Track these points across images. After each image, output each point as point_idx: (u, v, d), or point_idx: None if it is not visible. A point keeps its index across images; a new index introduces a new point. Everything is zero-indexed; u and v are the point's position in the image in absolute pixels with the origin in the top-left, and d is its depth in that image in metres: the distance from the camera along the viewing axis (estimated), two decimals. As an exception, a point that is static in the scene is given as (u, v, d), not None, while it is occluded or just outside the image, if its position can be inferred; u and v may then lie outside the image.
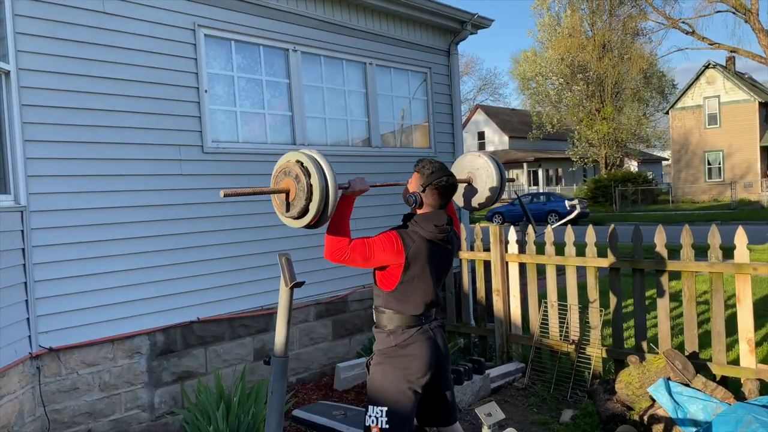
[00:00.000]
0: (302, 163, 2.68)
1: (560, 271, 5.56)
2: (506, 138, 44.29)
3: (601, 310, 5.30)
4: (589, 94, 36.43)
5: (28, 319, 4.04)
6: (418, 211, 2.97)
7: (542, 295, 5.72)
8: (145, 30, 4.68)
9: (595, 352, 5.27)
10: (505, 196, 41.12)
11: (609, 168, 36.54)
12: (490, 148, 45.32)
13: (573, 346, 5.37)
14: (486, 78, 62.12)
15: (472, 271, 6.45)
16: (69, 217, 4.27)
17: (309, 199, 2.65)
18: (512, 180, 42.29)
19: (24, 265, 4.03)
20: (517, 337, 5.88)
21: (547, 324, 5.62)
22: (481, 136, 46.11)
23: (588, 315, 5.38)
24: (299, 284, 3.04)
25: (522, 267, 5.88)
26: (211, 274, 5.05)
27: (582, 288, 5.38)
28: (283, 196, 2.77)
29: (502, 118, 46.42)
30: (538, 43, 39.03)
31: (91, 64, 4.39)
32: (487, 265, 6.12)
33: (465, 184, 3.75)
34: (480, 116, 46.50)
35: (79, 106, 4.33)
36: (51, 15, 4.19)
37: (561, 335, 5.51)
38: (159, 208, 4.75)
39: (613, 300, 5.25)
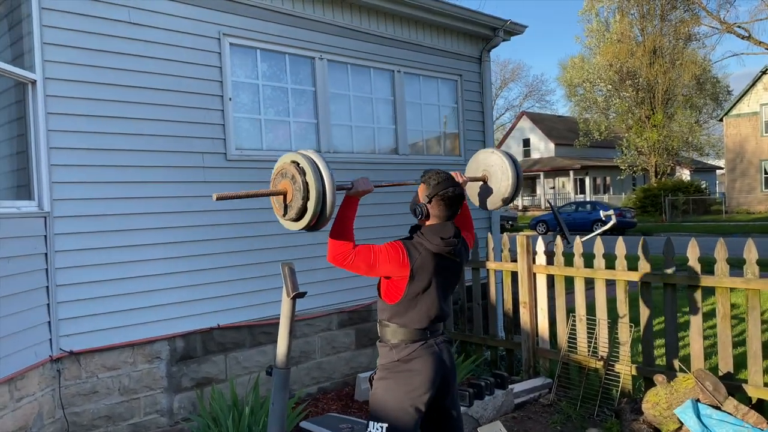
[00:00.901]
0: (298, 164, 2.64)
1: (590, 284, 5.37)
2: (552, 145, 43.58)
3: (630, 326, 5.09)
4: (639, 101, 35.52)
5: (49, 322, 4.12)
6: (425, 223, 2.90)
7: (571, 309, 5.54)
8: (169, 39, 4.75)
9: (624, 369, 5.06)
10: (546, 202, 40.49)
11: (659, 177, 35.51)
12: (535, 155, 44.69)
13: (601, 363, 5.17)
14: (533, 85, 61.28)
15: (500, 282, 6.31)
16: (91, 222, 4.35)
17: (306, 198, 2.61)
18: (552, 188, 41.56)
19: (46, 269, 4.12)
20: (544, 352, 5.71)
21: (576, 338, 5.44)
22: (526, 143, 45.53)
23: (617, 330, 5.18)
24: (301, 295, 3.01)
25: (551, 279, 5.71)
26: (232, 280, 5.07)
27: (612, 302, 5.19)
28: (281, 198, 2.73)
29: (547, 124, 45.73)
30: (585, 49, 38.35)
31: (115, 73, 4.47)
32: (514, 276, 5.96)
33: (480, 183, 3.63)
34: (525, 123, 45.93)
35: (103, 114, 4.42)
36: (77, 26, 4.29)
37: (589, 351, 5.32)
38: (181, 215, 4.80)
39: (643, 315, 5.04)
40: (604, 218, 8.37)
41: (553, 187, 42.79)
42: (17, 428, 3.77)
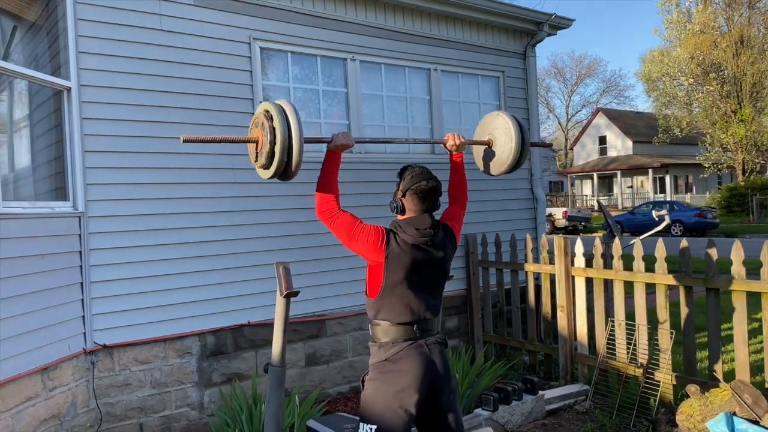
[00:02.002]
0: (268, 111, 2.68)
1: (633, 287, 5.12)
2: (630, 143, 41.91)
3: (671, 332, 4.82)
4: (724, 95, 33.54)
5: (83, 316, 4.35)
6: (399, 217, 2.87)
7: (611, 313, 5.30)
8: (199, 45, 4.91)
9: (664, 377, 4.80)
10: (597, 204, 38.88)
11: (747, 175, 33.40)
12: (612, 153, 43.13)
13: (640, 370, 4.93)
14: (610, 80, 59.08)
15: (538, 285, 6.13)
16: (124, 222, 4.55)
17: (273, 142, 2.64)
18: (630, 187, 39.86)
19: (81, 266, 4.35)
20: (582, 357, 5.49)
21: (614, 344, 5.20)
22: (602, 141, 44.03)
23: (657, 336, 4.91)
24: (294, 293, 3.03)
25: (590, 282, 5.49)
26: (263, 278, 5.17)
27: (652, 306, 4.93)
28: (254, 146, 2.79)
29: (625, 121, 44.01)
30: (665, 42, 36.62)
31: (146, 79, 4.66)
32: (553, 278, 5.78)
33: (485, 147, 3.47)
34: (601, 120, 44.41)
35: (135, 119, 4.61)
36: (111, 34, 4.50)
37: (628, 357, 5.08)
38: (212, 215, 4.94)
39: (684, 322, 4.76)
40: (657, 218, 7.96)
41: (631, 186, 41.14)
42: (50, 416, 3.99)
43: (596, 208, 39.87)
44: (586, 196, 43.01)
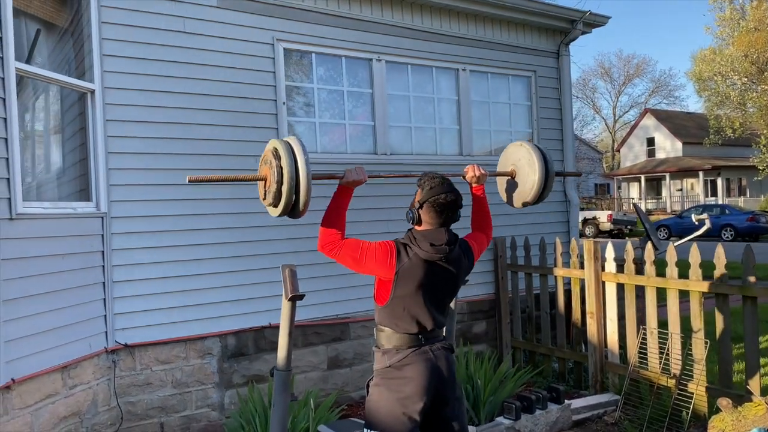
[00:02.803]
0: (276, 149, 2.63)
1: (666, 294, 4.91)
2: (679, 144, 40.64)
3: (706, 342, 4.59)
4: (780, 94, 32.15)
5: (105, 316, 4.40)
6: (416, 228, 2.78)
7: (643, 320, 5.09)
8: (223, 47, 4.92)
9: (698, 389, 4.57)
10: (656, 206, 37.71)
11: (804, 177, 31.95)
12: (660, 155, 41.92)
13: (673, 381, 4.71)
14: (659, 80, 57.30)
15: (567, 290, 5.95)
16: (147, 223, 4.60)
17: (280, 182, 2.60)
18: (680, 190, 38.63)
19: (103, 266, 4.41)
20: (613, 366, 5.29)
21: (646, 352, 4.99)
22: (650, 142, 42.83)
23: (691, 345, 4.69)
24: (300, 297, 2.99)
25: (621, 288, 5.29)
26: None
27: (687, 315, 4.70)
28: (262, 184, 2.74)
29: (674, 122, 42.69)
30: (717, 40, 35.35)
31: (169, 81, 4.70)
32: (582, 284, 5.59)
33: (507, 178, 3.43)
34: (649, 121, 43.20)
35: (158, 120, 4.65)
36: (134, 37, 4.56)
37: (660, 366, 4.86)
38: (233, 216, 4.95)
39: (719, 331, 4.52)
40: (696, 223, 7.65)
41: (681, 189, 39.88)
42: (70, 413, 4.05)
43: (643, 211, 38.80)
44: (633, 199, 41.91)
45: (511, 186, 3.43)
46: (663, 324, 4.95)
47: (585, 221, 27.46)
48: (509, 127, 6.70)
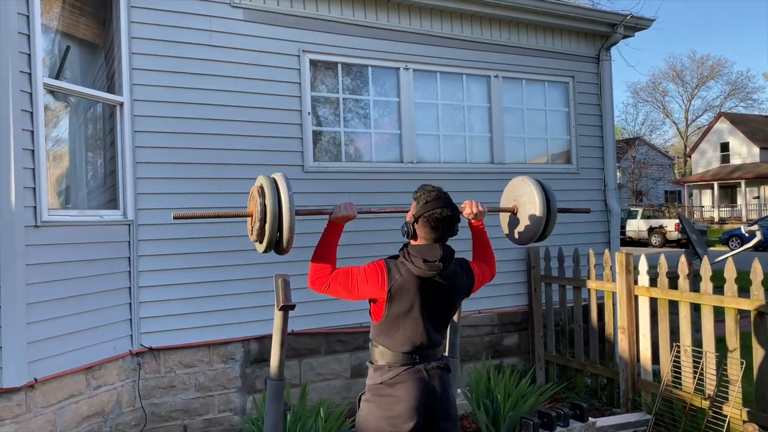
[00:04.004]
0: (261, 187, 2.65)
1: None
2: (756, 149, 38.53)
3: (741, 362, 4.32)
4: None
5: (130, 320, 4.57)
6: (411, 243, 2.74)
7: (677, 337, 4.85)
8: (248, 59, 5.03)
9: (733, 412, 4.31)
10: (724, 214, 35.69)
11: None
12: (735, 160, 39.89)
13: (707, 402, 4.46)
14: (736, 82, 54.45)
15: (600, 303, 5.74)
16: (172, 230, 4.74)
17: (263, 220, 2.62)
18: (757, 197, 36.55)
19: (129, 272, 4.58)
20: (645, 384, 5.07)
21: (680, 371, 4.75)
22: (724, 147, 40.81)
23: (726, 365, 4.43)
24: (291, 307, 3.00)
25: (655, 303, 5.06)
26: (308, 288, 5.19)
27: (721, 332, 4.45)
28: (250, 220, 2.76)
29: (750, 126, 40.53)
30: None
31: (196, 93, 4.84)
32: (615, 297, 5.38)
33: (509, 214, 3.39)
34: (723, 125, 41.18)
35: (185, 131, 4.80)
36: (163, 51, 4.72)
37: (694, 386, 4.61)
38: (257, 224, 5.03)
39: (758, 351, 4.25)
40: (747, 234, 7.22)
41: (758, 197, 37.77)
42: (93, 413, 4.22)
43: (716, 220, 37.03)
44: (704, 207, 40.04)
45: (513, 221, 3.38)
46: (698, 341, 4.70)
47: (651, 229, 26.46)
48: (545, 134, 6.54)
